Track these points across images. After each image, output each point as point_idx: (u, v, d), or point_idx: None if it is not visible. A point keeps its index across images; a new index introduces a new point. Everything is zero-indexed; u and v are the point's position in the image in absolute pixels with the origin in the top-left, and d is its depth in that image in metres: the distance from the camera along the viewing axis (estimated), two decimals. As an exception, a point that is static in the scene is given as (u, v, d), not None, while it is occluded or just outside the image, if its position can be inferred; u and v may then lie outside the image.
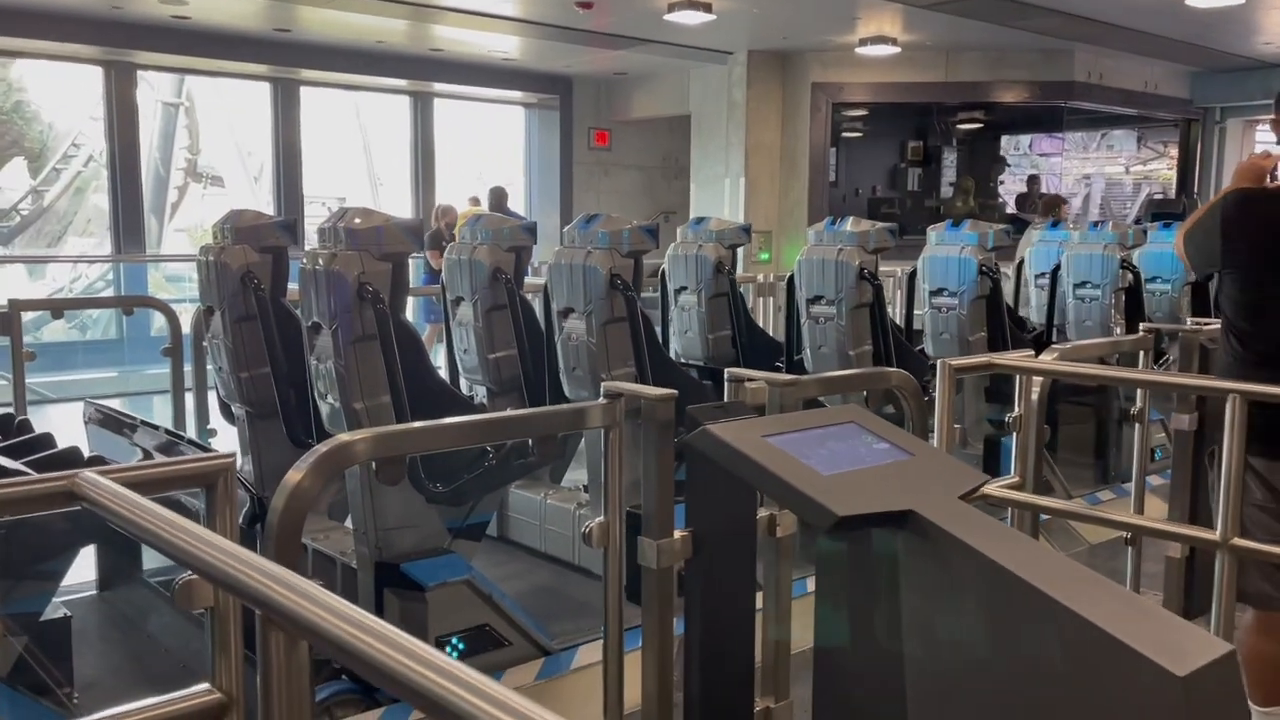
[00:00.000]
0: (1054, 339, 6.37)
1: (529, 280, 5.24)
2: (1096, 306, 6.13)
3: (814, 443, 1.99)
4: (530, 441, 3.49)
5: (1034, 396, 3.16)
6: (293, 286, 4.12)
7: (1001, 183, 13.44)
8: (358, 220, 3.40)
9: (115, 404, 4.57)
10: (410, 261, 3.72)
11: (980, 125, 12.95)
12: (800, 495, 1.80)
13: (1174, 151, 13.87)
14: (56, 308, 5.29)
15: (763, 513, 2.37)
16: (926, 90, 11.12)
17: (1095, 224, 6.37)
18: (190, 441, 3.30)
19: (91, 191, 15.62)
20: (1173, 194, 13.84)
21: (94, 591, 4.08)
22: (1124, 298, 6.13)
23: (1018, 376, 3.15)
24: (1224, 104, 12.59)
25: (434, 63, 11.45)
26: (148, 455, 3.81)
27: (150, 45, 9.97)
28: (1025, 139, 13.53)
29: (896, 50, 10.23)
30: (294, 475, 1.84)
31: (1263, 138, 13.16)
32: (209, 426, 5.35)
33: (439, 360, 5.20)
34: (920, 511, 1.79)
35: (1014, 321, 5.97)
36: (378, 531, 3.45)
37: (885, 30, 9.90)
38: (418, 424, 1.97)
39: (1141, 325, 3.85)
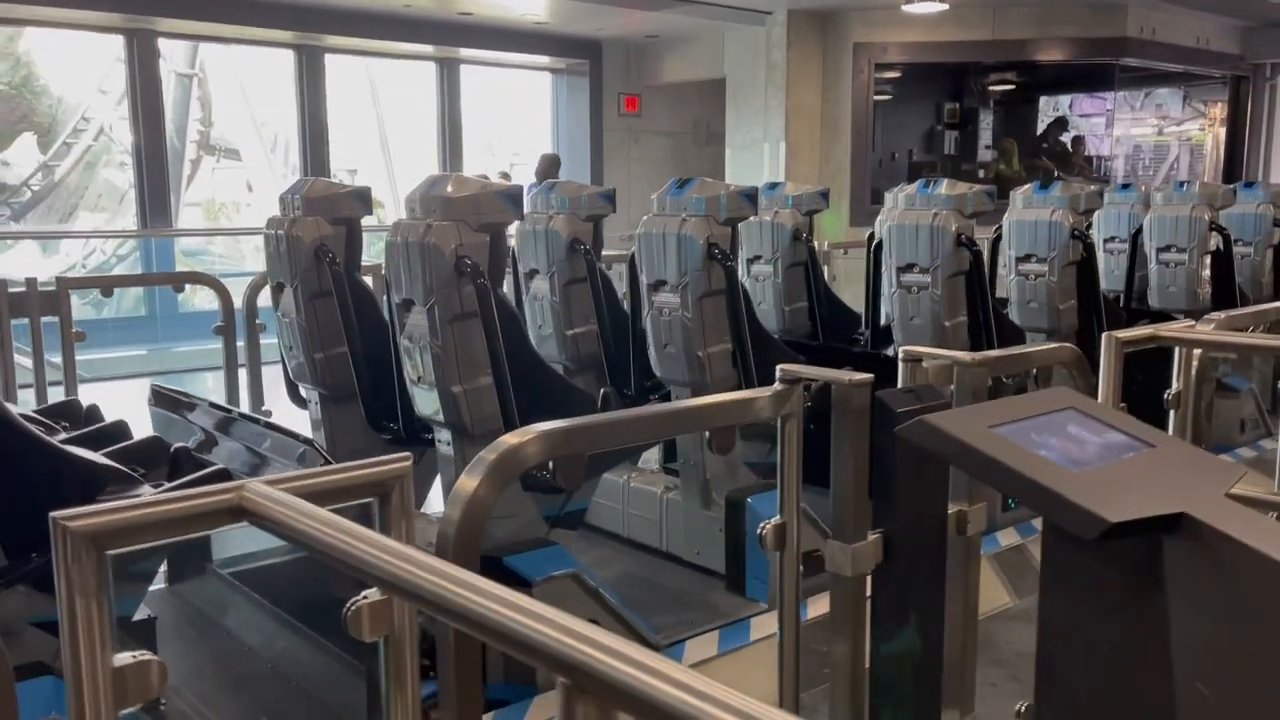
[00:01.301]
0: (1133, 305, 6.11)
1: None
2: (1182, 271, 5.85)
3: (1042, 433, 1.76)
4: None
5: (1193, 371, 2.92)
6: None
7: (1059, 144, 12.95)
8: (451, 188, 3.13)
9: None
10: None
11: (1018, 85, 12.56)
12: (1058, 499, 1.57)
13: (1213, 112, 13.48)
14: (105, 285, 5.07)
15: (951, 508, 2.13)
16: (973, 49, 10.74)
17: (1181, 184, 6.07)
18: (287, 433, 3.06)
19: (102, 166, 15.34)
20: (1207, 154, 13.49)
21: (164, 585, 3.87)
22: (1210, 261, 5.86)
23: (1176, 349, 2.91)
24: (1275, 60, 12.19)
25: (462, 27, 11.11)
26: (209, 437, 3.60)
27: (172, 11, 9.65)
28: (1065, 99, 13.13)
29: (944, 7, 9.87)
30: (467, 484, 1.61)
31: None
32: (264, 408, 5.15)
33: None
34: (1194, 514, 1.55)
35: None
36: (474, 522, 3.23)
37: (934, -15, 9.56)
38: (593, 419, 1.73)
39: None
